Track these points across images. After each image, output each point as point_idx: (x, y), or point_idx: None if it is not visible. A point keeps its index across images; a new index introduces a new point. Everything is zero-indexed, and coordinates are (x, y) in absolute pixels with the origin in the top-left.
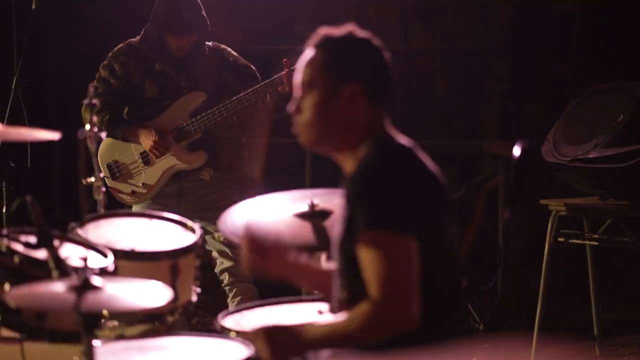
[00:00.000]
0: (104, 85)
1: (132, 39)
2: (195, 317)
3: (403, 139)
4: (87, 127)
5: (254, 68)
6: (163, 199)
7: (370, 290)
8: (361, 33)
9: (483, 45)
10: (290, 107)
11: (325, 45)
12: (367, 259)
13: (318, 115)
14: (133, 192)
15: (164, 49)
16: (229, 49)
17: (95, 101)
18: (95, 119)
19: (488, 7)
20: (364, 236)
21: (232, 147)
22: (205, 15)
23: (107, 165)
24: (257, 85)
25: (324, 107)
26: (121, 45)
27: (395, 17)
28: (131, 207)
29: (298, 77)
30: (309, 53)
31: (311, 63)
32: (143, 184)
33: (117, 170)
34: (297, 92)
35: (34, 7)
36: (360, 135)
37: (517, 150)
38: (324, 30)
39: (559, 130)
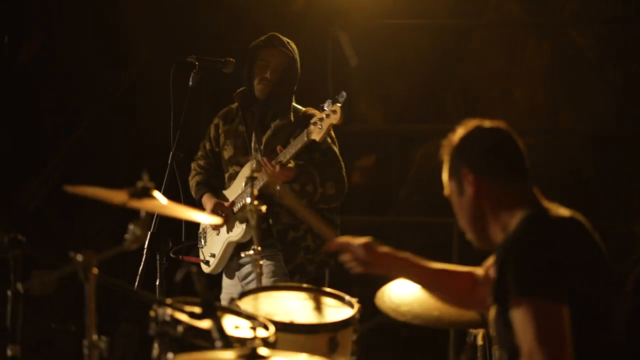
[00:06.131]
0: (202, 150)
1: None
2: None
3: (561, 211)
4: (248, 200)
5: (315, 143)
6: (229, 272)
7: (523, 355)
8: (467, 127)
9: (631, 128)
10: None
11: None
12: (519, 324)
13: (462, 216)
14: (207, 262)
15: (252, 96)
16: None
17: (255, 174)
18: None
19: (636, 88)
20: (515, 302)
21: (291, 217)
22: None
23: (199, 233)
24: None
25: (461, 205)
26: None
27: (543, 98)
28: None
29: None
30: None
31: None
32: (211, 253)
33: (204, 238)
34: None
35: (190, 84)
36: (500, 211)
37: None
38: None
39: None
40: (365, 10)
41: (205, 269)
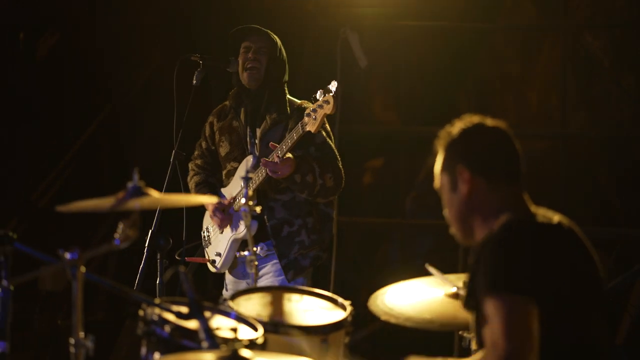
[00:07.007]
0: (198, 149)
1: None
2: None
3: (549, 217)
4: (242, 201)
5: (310, 138)
6: (236, 273)
7: (487, 346)
8: (468, 123)
9: None
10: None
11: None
12: (487, 320)
13: (451, 211)
14: (213, 261)
15: (245, 91)
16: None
17: (250, 175)
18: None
19: None
20: (484, 298)
21: (286, 212)
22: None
23: (202, 233)
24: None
25: (452, 200)
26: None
27: (556, 102)
28: None
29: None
30: None
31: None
32: (217, 252)
33: (207, 238)
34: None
35: (194, 82)
36: (488, 213)
37: None
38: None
39: None
40: (379, 11)
41: (212, 269)
